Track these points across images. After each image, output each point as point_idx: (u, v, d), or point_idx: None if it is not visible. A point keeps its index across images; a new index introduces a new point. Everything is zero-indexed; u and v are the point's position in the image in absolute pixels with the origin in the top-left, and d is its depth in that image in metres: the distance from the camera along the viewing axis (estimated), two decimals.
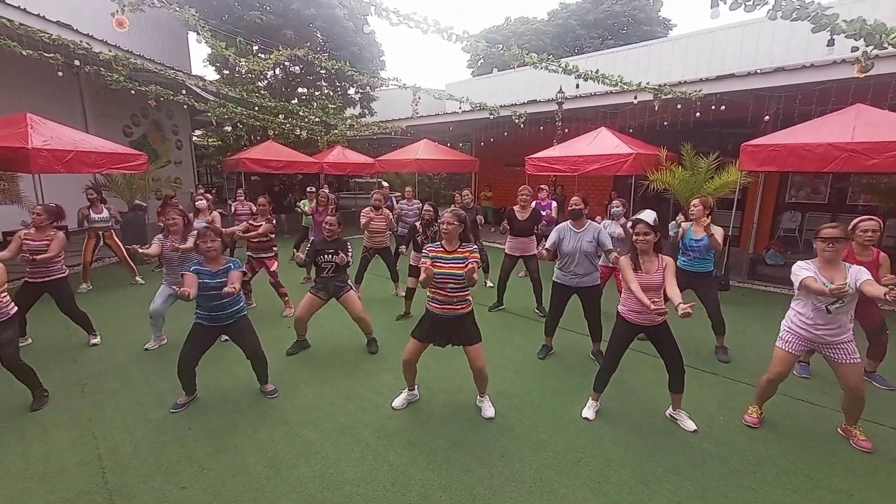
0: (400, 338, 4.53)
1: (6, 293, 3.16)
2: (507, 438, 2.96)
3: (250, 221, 5.30)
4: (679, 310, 2.57)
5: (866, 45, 3.55)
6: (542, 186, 7.41)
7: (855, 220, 3.36)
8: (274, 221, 5.28)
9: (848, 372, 2.75)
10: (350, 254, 4.13)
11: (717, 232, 4.06)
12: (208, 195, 6.68)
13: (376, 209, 5.78)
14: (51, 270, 4.11)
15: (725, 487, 2.51)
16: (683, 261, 4.21)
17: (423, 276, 2.83)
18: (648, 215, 2.99)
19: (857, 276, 2.64)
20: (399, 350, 4.11)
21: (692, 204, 4.20)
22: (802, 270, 2.78)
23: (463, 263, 2.92)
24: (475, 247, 3.07)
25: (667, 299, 2.93)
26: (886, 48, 3.73)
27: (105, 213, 6.33)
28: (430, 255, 3.02)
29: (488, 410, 3.22)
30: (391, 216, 6.00)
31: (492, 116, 9.76)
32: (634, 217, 2.96)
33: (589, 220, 3.94)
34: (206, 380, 3.59)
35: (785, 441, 2.92)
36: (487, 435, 3.00)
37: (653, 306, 2.72)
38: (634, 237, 2.91)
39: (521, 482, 2.56)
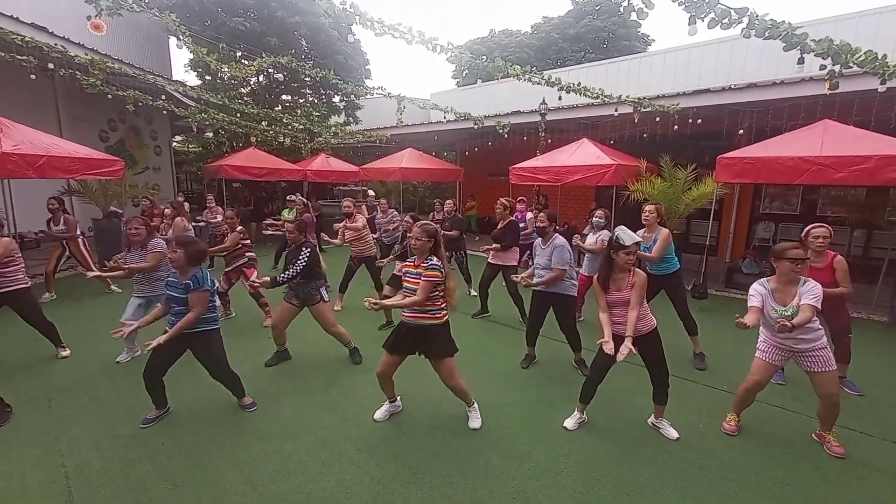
0: None
1: None
2: (491, 450, 2.93)
3: (221, 234, 5.19)
4: (618, 353, 2.78)
5: (833, 64, 3.72)
6: (521, 198, 7.48)
7: (807, 228, 3.49)
8: (239, 229, 5.14)
9: (824, 380, 2.81)
10: (302, 260, 3.86)
11: (662, 234, 4.18)
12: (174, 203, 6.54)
13: (348, 217, 5.72)
14: (8, 280, 3.89)
15: (706, 495, 2.54)
16: (649, 267, 4.30)
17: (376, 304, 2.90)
18: (632, 235, 2.94)
19: (804, 297, 2.71)
20: None
21: (647, 210, 4.29)
22: (752, 298, 2.85)
23: (417, 278, 2.87)
24: (433, 261, 2.87)
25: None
26: (851, 67, 3.91)
27: (61, 226, 6.01)
28: (403, 270, 3.03)
29: (475, 421, 3.19)
30: (364, 221, 5.90)
31: (476, 126, 9.85)
32: (631, 242, 2.88)
33: (556, 235, 3.94)
34: (180, 392, 3.48)
35: (762, 448, 2.97)
36: (470, 446, 2.97)
37: (606, 346, 2.82)
38: (625, 256, 2.87)
39: (505, 494, 2.54)
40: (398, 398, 3.37)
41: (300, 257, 3.87)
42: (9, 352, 4.29)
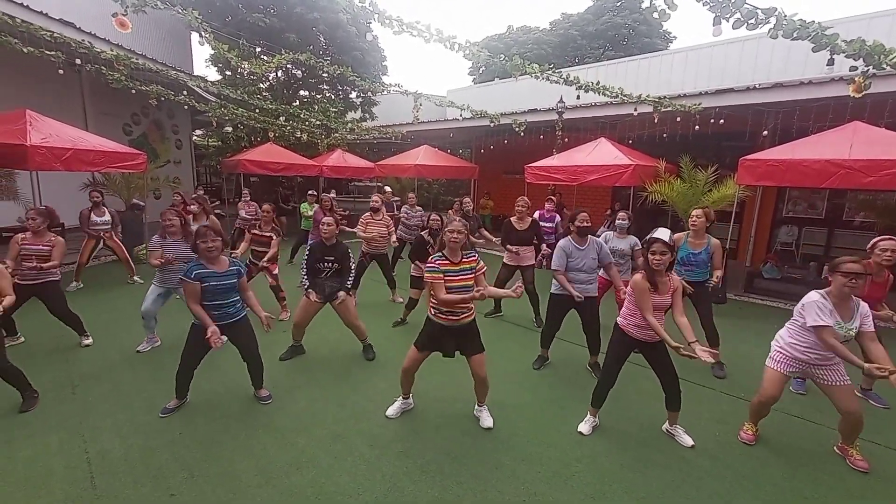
0: (396, 345, 4.51)
1: None
2: (502, 450, 2.93)
3: (251, 230, 5.21)
4: (696, 353, 2.56)
5: (865, 65, 3.59)
6: (550, 197, 7.43)
7: (874, 240, 3.33)
8: (280, 231, 5.20)
9: (842, 394, 2.73)
10: (353, 263, 4.13)
11: (715, 244, 4.06)
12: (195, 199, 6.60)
13: (375, 212, 5.75)
14: (43, 273, 4.04)
15: None
16: (680, 271, 4.18)
17: (476, 294, 2.83)
18: (664, 233, 2.86)
19: (864, 320, 2.62)
20: (394, 357, 4.10)
21: (694, 215, 4.09)
22: (824, 314, 2.60)
23: (471, 274, 2.91)
24: (476, 254, 3.03)
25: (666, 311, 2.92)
26: (885, 68, 3.77)
27: (107, 217, 6.31)
28: (441, 269, 2.87)
29: (486, 421, 3.20)
30: (391, 221, 5.96)
31: (492, 124, 9.80)
32: (652, 236, 2.83)
33: (589, 236, 3.93)
34: (198, 384, 3.53)
35: (781, 458, 2.90)
36: (481, 446, 2.97)
37: (683, 351, 2.60)
38: (651, 256, 2.78)
39: (515, 496, 2.53)
40: (411, 395, 3.38)
41: (351, 261, 4.12)
42: (36, 339, 4.44)
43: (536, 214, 7.07)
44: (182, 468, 2.68)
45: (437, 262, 2.91)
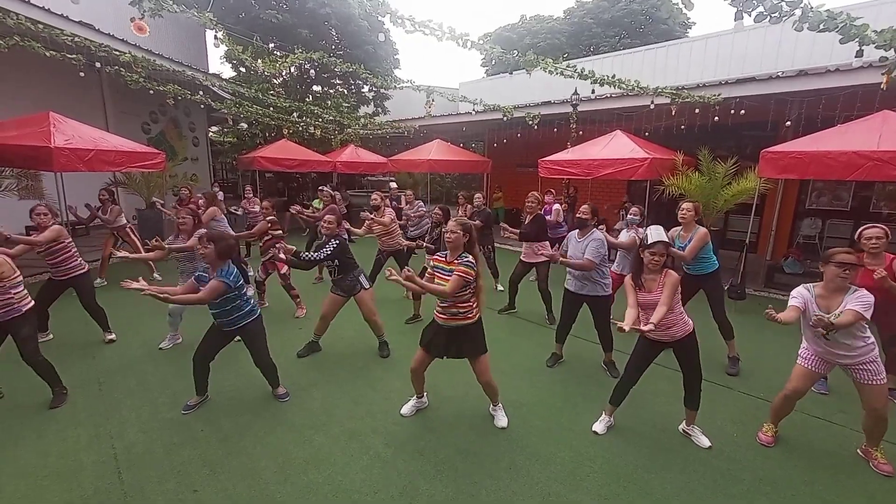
0: (410, 342, 4.52)
1: (23, 288, 3.25)
2: (516, 450, 2.94)
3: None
4: (642, 328, 2.65)
5: None
6: (549, 190, 7.37)
7: (860, 229, 3.31)
8: (269, 219, 5.29)
9: (871, 392, 2.67)
10: (327, 249, 3.92)
11: (698, 234, 4.02)
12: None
13: (375, 210, 5.76)
14: (71, 267, 4.21)
15: None
16: (685, 266, 4.15)
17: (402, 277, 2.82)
18: (658, 232, 2.89)
19: (850, 303, 2.54)
20: (409, 355, 4.09)
21: (684, 208, 4.12)
22: (794, 299, 2.69)
23: (450, 275, 2.84)
24: (467, 258, 2.84)
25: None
26: None
27: (108, 216, 6.41)
28: (433, 264, 3.03)
29: (501, 420, 3.21)
30: (392, 213, 5.92)
31: (505, 118, 9.70)
32: (653, 240, 2.84)
33: (594, 230, 3.91)
34: (219, 381, 3.64)
35: (801, 461, 2.85)
36: (495, 445, 2.99)
37: (626, 328, 2.61)
38: (650, 256, 2.82)
39: (529, 496, 2.55)
40: (425, 394, 3.41)
41: (326, 246, 3.96)
42: (64, 335, 4.60)
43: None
44: (204, 465, 2.77)
45: (437, 258, 3.04)
